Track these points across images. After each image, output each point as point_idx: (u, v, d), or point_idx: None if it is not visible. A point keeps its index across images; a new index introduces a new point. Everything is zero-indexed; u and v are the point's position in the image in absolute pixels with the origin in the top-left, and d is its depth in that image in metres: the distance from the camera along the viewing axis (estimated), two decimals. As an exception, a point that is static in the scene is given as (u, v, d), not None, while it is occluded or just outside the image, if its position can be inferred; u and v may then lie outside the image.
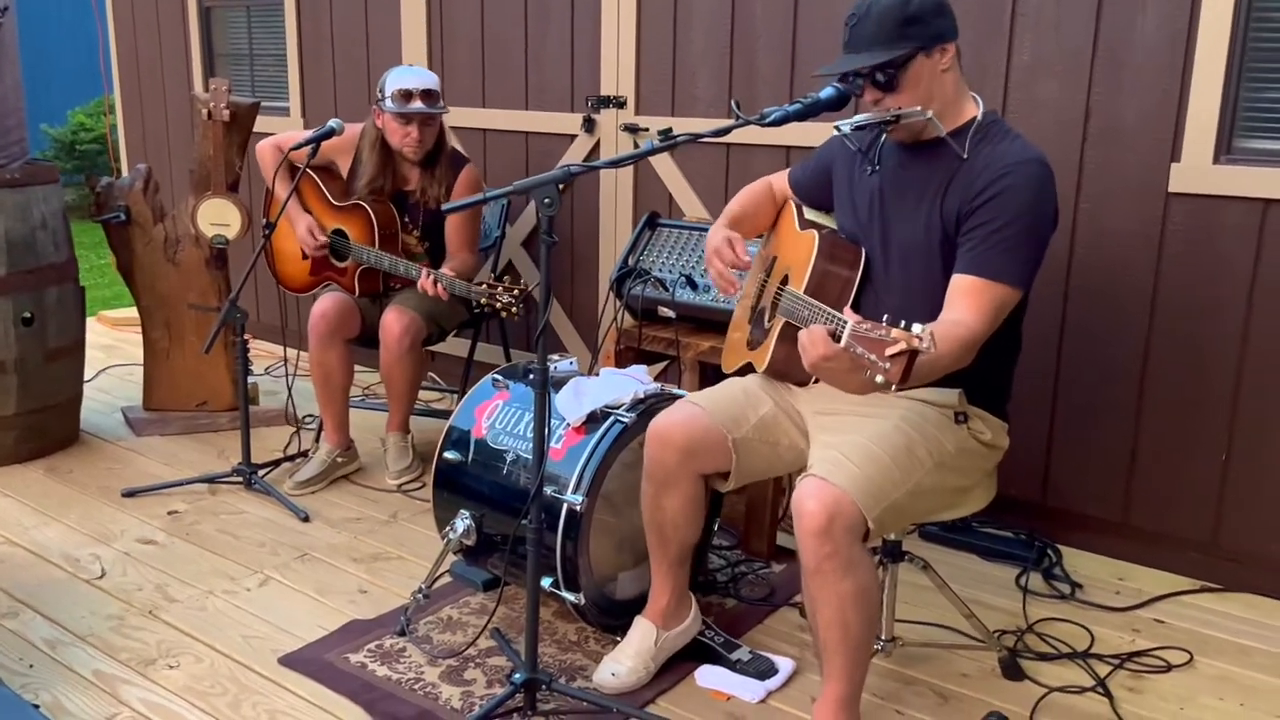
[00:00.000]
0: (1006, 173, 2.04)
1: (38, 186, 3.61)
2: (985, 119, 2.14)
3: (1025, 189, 2.04)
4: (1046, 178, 2.07)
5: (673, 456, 2.27)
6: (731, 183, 3.62)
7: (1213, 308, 2.87)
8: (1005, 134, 2.13)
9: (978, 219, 2.05)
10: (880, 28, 2.05)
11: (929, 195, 2.13)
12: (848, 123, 2.15)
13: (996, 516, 3.11)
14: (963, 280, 2.05)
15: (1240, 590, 2.91)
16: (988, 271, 2.03)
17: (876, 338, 1.67)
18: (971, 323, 1.99)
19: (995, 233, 2.03)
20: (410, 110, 3.41)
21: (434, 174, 3.56)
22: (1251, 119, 2.79)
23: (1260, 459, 2.86)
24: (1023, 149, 2.09)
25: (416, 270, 3.27)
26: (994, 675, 2.49)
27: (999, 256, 2.03)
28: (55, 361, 3.69)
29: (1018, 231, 2.03)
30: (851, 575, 1.95)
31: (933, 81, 2.09)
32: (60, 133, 9.79)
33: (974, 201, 2.06)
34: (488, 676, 2.43)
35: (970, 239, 2.06)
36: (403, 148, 3.49)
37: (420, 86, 3.43)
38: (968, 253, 2.06)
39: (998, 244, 2.03)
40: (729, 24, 3.55)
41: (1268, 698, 2.44)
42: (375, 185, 3.54)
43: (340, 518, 3.30)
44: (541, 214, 2.01)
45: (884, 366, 1.65)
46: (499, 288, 3.06)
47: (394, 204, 3.58)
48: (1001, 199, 2.03)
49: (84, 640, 2.55)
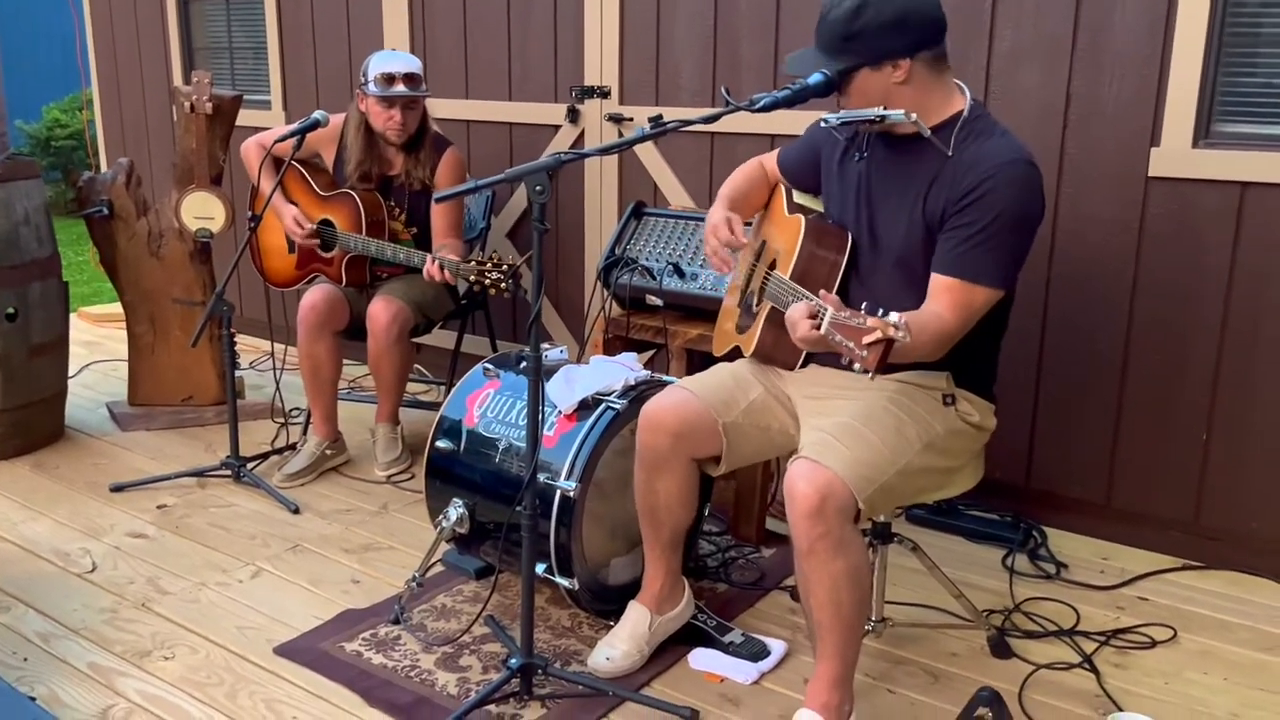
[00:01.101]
0: (991, 174, 2.03)
1: (19, 182, 3.58)
2: (971, 114, 2.13)
3: (1009, 190, 2.03)
4: (1032, 178, 2.07)
5: (664, 441, 2.29)
6: (716, 172, 3.64)
7: (1193, 291, 2.91)
8: (991, 130, 2.12)
9: (961, 219, 2.05)
10: (830, 36, 2.09)
11: (913, 190, 2.14)
12: (834, 116, 2.17)
13: (982, 499, 3.15)
14: (942, 280, 2.06)
15: (1221, 568, 2.96)
16: (968, 273, 2.04)
17: (855, 325, 1.70)
18: (949, 319, 2.02)
19: (977, 234, 2.03)
20: (393, 94, 3.42)
21: (418, 157, 3.57)
22: (1230, 103, 2.83)
23: (1239, 440, 2.90)
24: (1008, 148, 2.07)
25: (420, 256, 3.27)
26: (983, 654, 2.53)
27: (980, 259, 2.04)
28: (40, 357, 3.67)
29: (999, 233, 2.03)
30: (843, 555, 1.98)
31: (887, 93, 2.09)
32: (36, 129, 9.69)
33: (959, 202, 2.06)
34: (483, 663, 2.45)
35: (952, 238, 2.06)
36: (386, 131, 3.50)
37: (403, 70, 3.44)
38: (949, 252, 2.06)
39: (979, 246, 2.03)
40: (712, 13, 3.57)
41: (1250, 672, 2.49)
42: (363, 170, 3.55)
43: (330, 509, 3.30)
44: (534, 201, 2.03)
45: (861, 354, 1.69)
46: (488, 264, 3.08)
47: (380, 190, 3.58)
48: (985, 201, 2.03)
49: (77, 633, 2.55)
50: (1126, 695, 2.38)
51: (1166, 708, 2.33)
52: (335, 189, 3.57)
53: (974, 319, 2.07)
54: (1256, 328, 2.84)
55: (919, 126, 2.09)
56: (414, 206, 3.62)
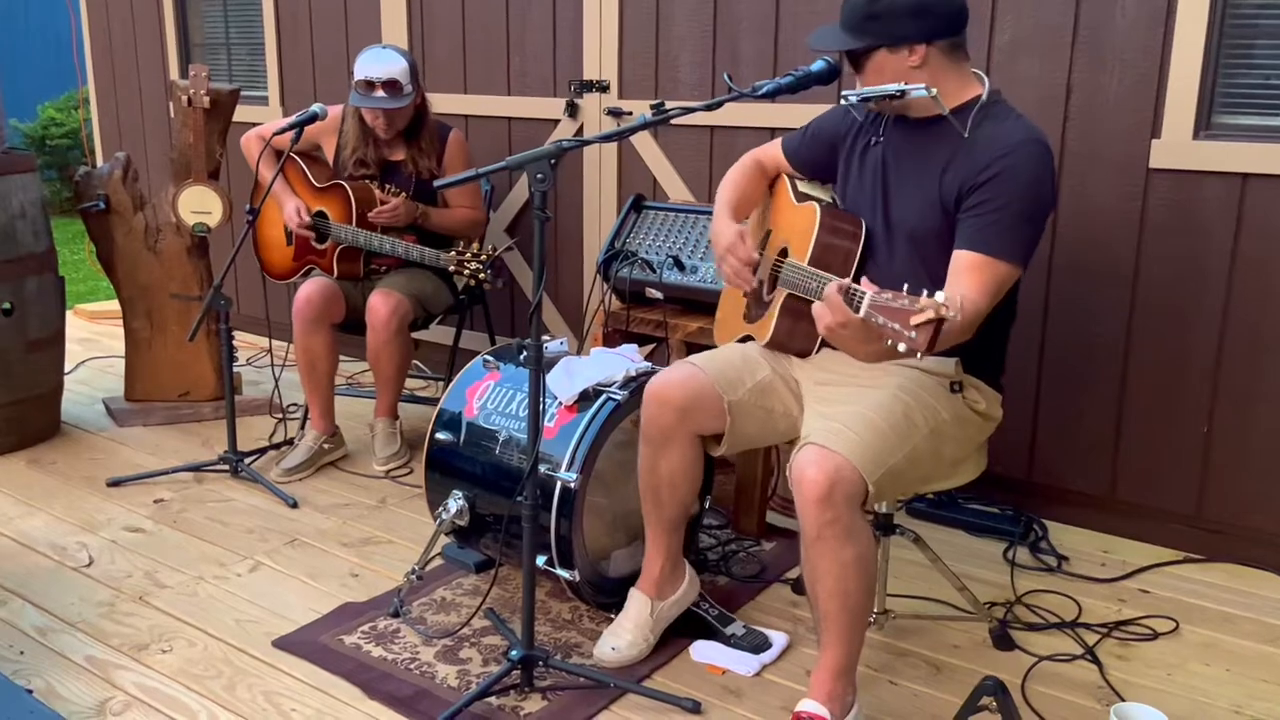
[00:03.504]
0: (1008, 152, 2.06)
1: (16, 175, 3.57)
2: (989, 98, 2.16)
3: (1026, 169, 2.06)
4: (1046, 158, 2.10)
5: (670, 415, 2.28)
6: (716, 165, 3.63)
7: (1194, 282, 2.90)
8: (1008, 114, 2.16)
9: (979, 196, 2.07)
10: (853, 14, 2.13)
11: (930, 171, 2.16)
12: (854, 93, 2.17)
13: (984, 493, 3.15)
14: (965, 256, 2.07)
15: (1223, 560, 2.95)
16: (990, 249, 2.05)
17: (900, 307, 1.68)
18: (976, 298, 2.02)
19: (997, 210, 2.05)
20: (369, 104, 3.43)
21: (420, 146, 3.57)
22: (1230, 95, 2.83)
23: (1241, 431, 2.90)
24: (1025, 129, 2.12)
25: (405, 250, 3.27)
26: (985, 645, 2.52)
27: (1000, 234, 2.05)
28: (36, 352, 3.66)
29: (1019, 210, 2.06)
30: (852, 542, 1.97)
31: (902, 76, 2.11)
32: (31, 128, 9.66)
33: (976, 179, 2.08)
34: (483, 655, 2.43)
35: (971, 216, 2.08)
36: (374, 127, 3.51)
37: (382, 77, 3.40)
38: (969, 229, 2.08)
39: (999, 222, 2.05)
40: (712, 7, 3.55)
41: (1253, 663, 2.48)
42: (360, 155, 3.55)
43: (329, 504, 3.28)
44: (534, 189, 2.02)
45: (909, 336, 1.66)
46: (466, 254, 3.07)
47: (384, 175, 3.58)
48: (1003, 178, 2.06)
49: (74, 627, 2.53)
50: (1129, 686, 2.37)
51: (1169, 699, 2.32)
52: (330, 180, 3.56)
53: (997, 297, 2.08)
54: (1258, 319, 2.83)
55: (937, 103, 2.10)
56: (423, 195, 3.61)
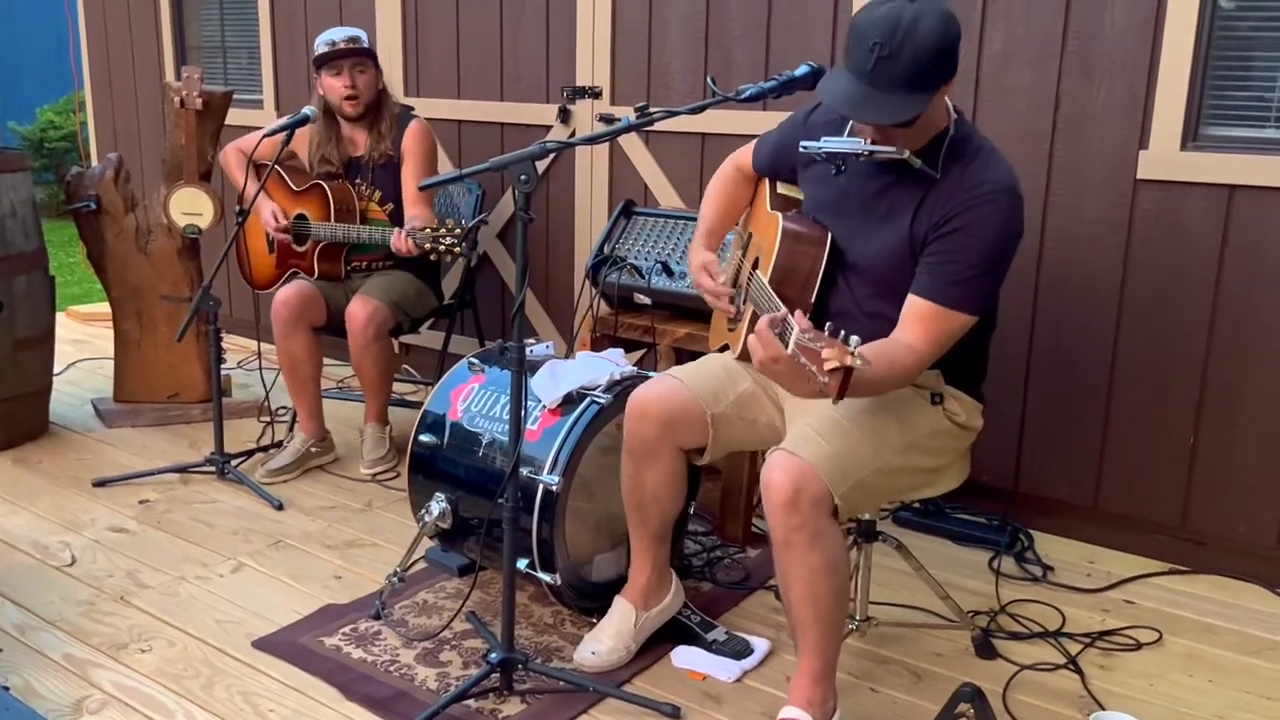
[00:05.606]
0: (973, 205, 2.00)
1: (7, 174, 3.56)
2: (957, 130, 2.08)
3: (991, 222, 2.00)
4: (1016, 206, 2.04)
5: (652, 429, 2.28)
6: (706, 171, 3.62)
7: (1180, 293, 2.90)
8: (978, 151, 2.07)
9: (942, 245, 2.02)
10: (915, 69, 1.88)
11: (898, 212, 2.09)
12: (817, 146, 2.12)
13: (969, 502, 3.14)
14: (919, 304, 2.02)
15: (1207, 572, 2.95)
16: (947, 300, 2.01)
17: (816, 349, 1.64)
18: (922, 349, 1.99)
19: (956, 264, 2.01)
20: (335, 52, 3.45)
21: (380, 130, 3.58)
22: (1218, 106, 2.84)
23: (1226, 444, 2.90)
24: (995, 172, 2.03)
25: (382, 234, 3.29)
26: (967, 654, 2.51)
27: (959, 287, 2.01)
28: (25, 351, 3.65)
29: (981, 262, 2.01)
30: (820, 548, 1.96)
31: (936, 107, 2.02)
32: (29, 131, 9.67)
33: (942, 228, 2.02)
34: (463, 658, 2.43)
35: (931, 262, 2.03)
36: (342, 104, 3.51)
37: (343, 36, 3.49)
38: (927, 277, 2.03)
39: (958, 275, 2.01)
40: (704, 14, 3.57)
41: (1235, 675, 2.48)
42: (324, 153, 3.57)
43: (314, 506, 3.28)
44: (518, 190, 2.02)
45: (823, 381, 1.63)
46: (442, 230, 3.11)
47: (347, 172, 3.60)
48: (967, 232, 2.00)
49: (54, 625, 2.52)
50: (1111, 696, 2.36)
51: (1151, 709, 2.31)
52: (308, 184, 3.57)
53: (947, 347, 2.04)
54: (1243, 330, 2.83)
55: (908, 159, 2.03)
56: (381, 181, 3.61)
